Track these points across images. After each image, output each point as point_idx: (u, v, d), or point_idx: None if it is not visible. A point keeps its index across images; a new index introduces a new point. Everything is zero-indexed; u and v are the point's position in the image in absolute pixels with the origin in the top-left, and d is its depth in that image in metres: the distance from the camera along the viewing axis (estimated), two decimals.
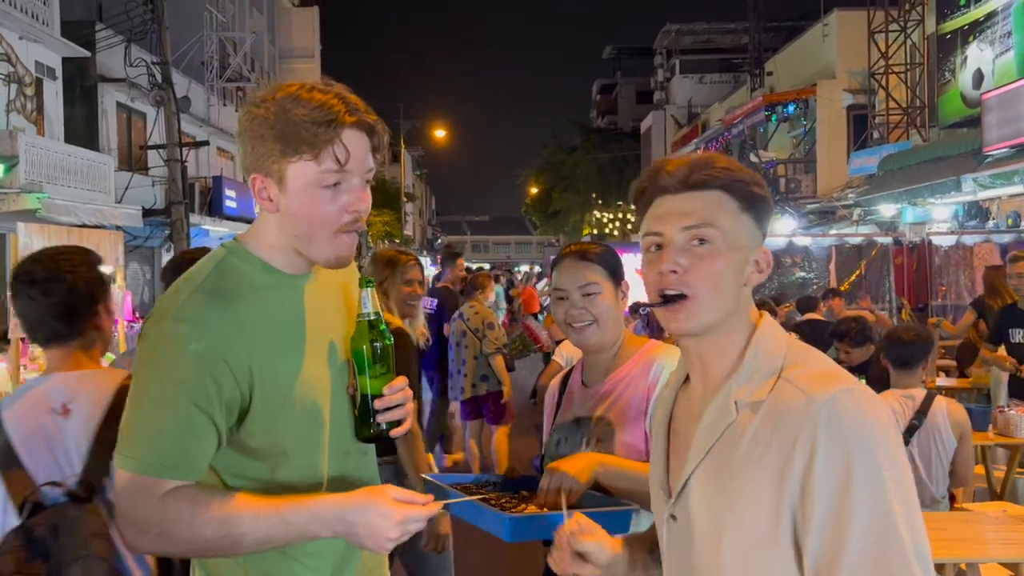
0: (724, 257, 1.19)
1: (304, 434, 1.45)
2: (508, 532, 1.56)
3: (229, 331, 1.36)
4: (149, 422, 1.35)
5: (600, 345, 1.95)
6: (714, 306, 1.19)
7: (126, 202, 14.61)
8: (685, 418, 1.28)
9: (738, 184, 1.21)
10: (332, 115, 1.35)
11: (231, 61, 22.27)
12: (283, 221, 1.42)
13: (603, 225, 37.77)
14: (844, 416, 1.07)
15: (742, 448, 1.15)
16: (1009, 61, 11.90)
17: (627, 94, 44.54)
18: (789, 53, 21.20)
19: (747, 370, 1.19)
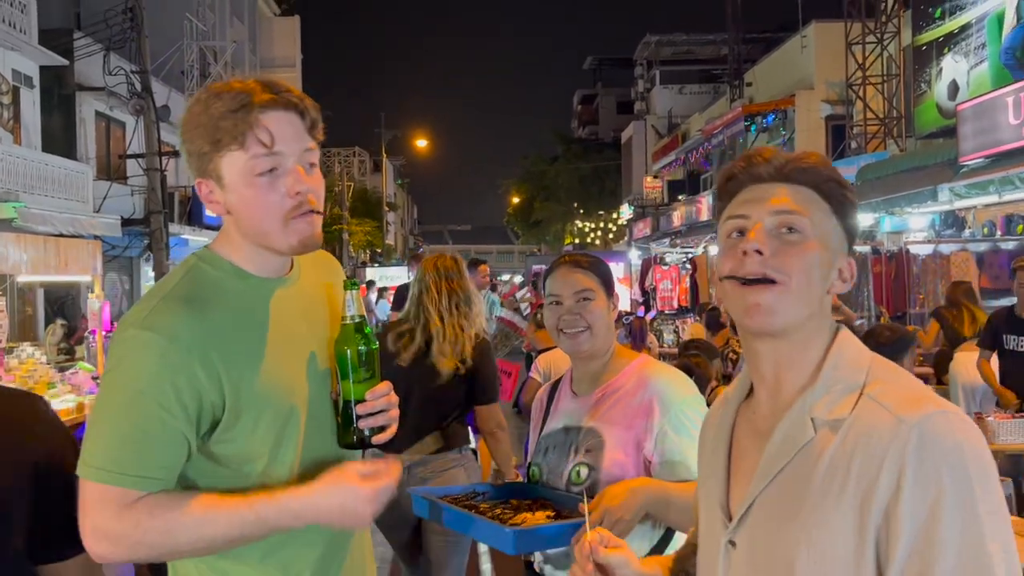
0: (815, 250, 1.09)
1: (275, 439, 1.42)
2: (512, 545, 1.57)
3: (198, 339, 1.33)
4: (111, 431, 1.31)
5: (592, 352, 1.95)
6: (801, 300, 1.08)
7: (104, 211, 14.50)
8: (749, 435, 1.17)
9: (833, 185, 1.13)
10: (247, 99, 1.33)
11: (212, 70, 22.17)
12: (235, 220, 1.40)
13: (585, 234, 37.87)
14: (937, 441, 0.97)
15: (820, 471, 1.04)
16: (983, 72, 12.07)
17: (608, 104, 44.76)
18: (768, 64, 21.41)
19: (825, 383, 1.09)
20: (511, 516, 1.71)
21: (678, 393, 1.89)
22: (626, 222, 33.17)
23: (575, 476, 1.87)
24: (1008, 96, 9.89)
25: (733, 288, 1.10)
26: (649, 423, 1.85)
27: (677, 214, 25.28)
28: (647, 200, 30.64)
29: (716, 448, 1.22)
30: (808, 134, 18.19)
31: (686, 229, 23.61)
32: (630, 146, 35.44)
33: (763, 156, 1.16)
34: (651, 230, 28.01)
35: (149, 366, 1.31)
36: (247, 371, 1.37)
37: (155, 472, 1.32)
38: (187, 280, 1.41)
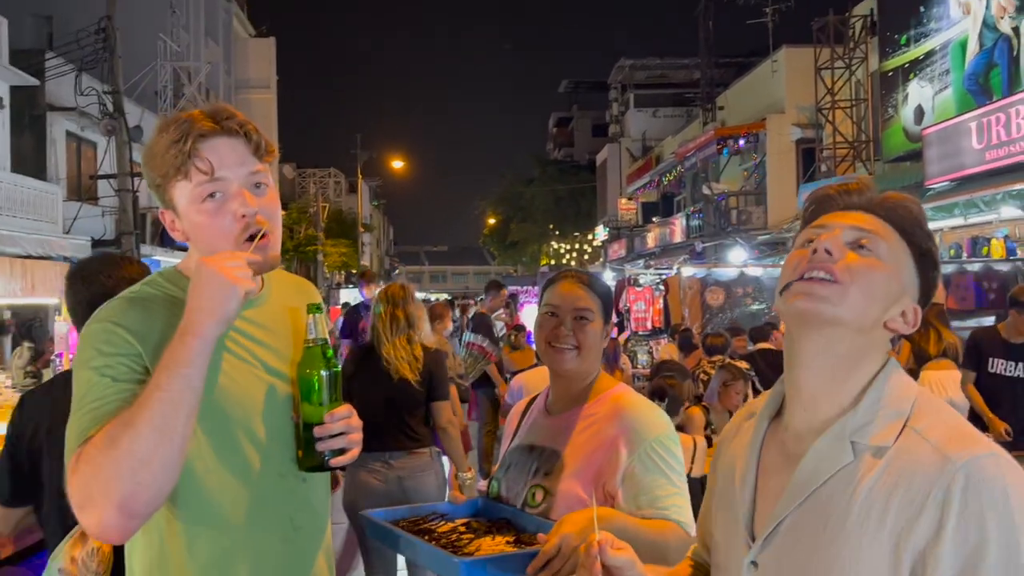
0: (883, 270, 1.08)
1: (219, 452, 1.41)
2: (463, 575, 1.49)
3: (142, 330, 1.38)
4: (79, 416, 1.33)
5: (575, 372, 1.89)
6: (855, 307, 1.06)
7: (75, 233, 14.34)
8: (778, 454, 1.14)
9: (920, 232, 1.13)
10: (187, 130, 1.38)
11: (185, 91, 22.09)
12: (195, 245, 1.46)
13: (560, 255, 38.01)
14: (984, 485, 0.94)
15: (858, 500, 1.01)
16: (948, 98, 12.34)
17: (583, 127, 45.13)
18: (740, 88, 21.72)
19: (868, 408, 1.06)
20: (467, 542, 1.63)
21: (649, 430, 1.80)
22: (601, 243, 33.36)
23: (531, 498, 1.82)
24: (971, 121, 10.13)
25: (790, 288, 1.09)
26: (614, 459, 1.78)
27: (651, 235, 25.48)
28: (622, 222, 30.87)
29: (743, 465, 1.18)
30: (779, 157, 18.46)
31: (660, 250, 23.80)
32: (605, 168, 35.73)
33: (859, 185, 1.16)
34: (626, 251, 28.19)
35: (99, 347, 1.36)
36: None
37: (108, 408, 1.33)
38: (145, 286, 1.48)
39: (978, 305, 10.57)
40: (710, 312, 11.78)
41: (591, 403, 1.89)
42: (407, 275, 64.22)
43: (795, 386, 1.12)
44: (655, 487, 1.73)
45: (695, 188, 23.03)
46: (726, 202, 19.86)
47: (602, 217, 35.05)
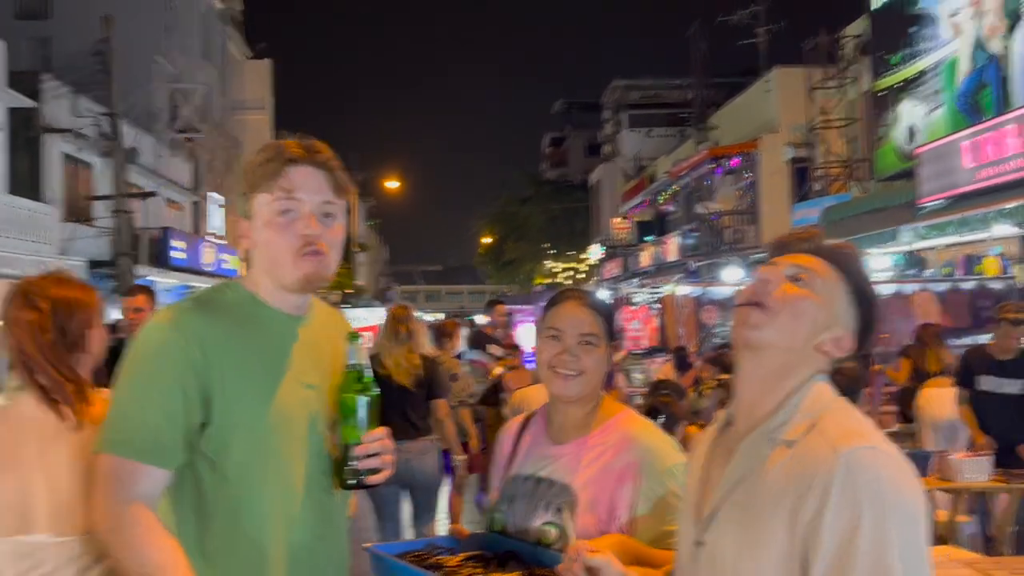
0: (811, 299, 1.27)
1: (257, 458, 1.54)
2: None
3: (199, 332, 1.53)
4: (121, 410, 1.51)
5: (579, 398, 1.80)
6: (783, 331, 1.26)
7: (71, 254, 14.34)
8: (724, 452, 1.33)
9: (857, 275, 1.32)
10: (278, 152, 1.58)
11: (181, 112, 22.17)
12: (258, 254, 1.61)
13: (555, 275, 38.05)
14: (860, 472, 1.12)
15: (767, 483, 1.21)
16: (939, 117, 12.45)
17: (577, 147, 45.34)
18: (733, 108, 21.87)
19: (787, 411, 1.25)
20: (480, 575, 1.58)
21: (663, 460, 1.75)
22: (596, 262, 33.42)
23: (543, 536, 1.75)
24: (963, 140, 10.22)
25: (734, 314, 1.32)
26: (628, 488, 1.72)
27: (645, 254, 25.55)
28: (616, 240, 30.94)
29: (696, 462, 1.40)
30: (772, 177, 18.56)
31: (654, 269, 23.84)
32: (599, 188, 35.87)
33: (810, 234, 1.45)
34: (621, 270, 28.24)
35: (158, 352, 1.52)
36: (238, 379, 1.54)
37: (158, 446, 1.49)
38: (205, 294, 1.66)
39: (973, 323, 10.62)
40: (706, 330, 11.80)
41: (598, 431, 1.81)
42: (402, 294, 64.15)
43: (738, 395, 1.33)
44: (663, 523, 1.67)
45: (689, 207, 23.13)
46: (720, 221, 19.95)
47: (596, 236, 35.14)
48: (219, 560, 1.55)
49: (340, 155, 1.69)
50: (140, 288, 4.39)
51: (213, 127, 26.10)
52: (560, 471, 1.80)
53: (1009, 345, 5.14)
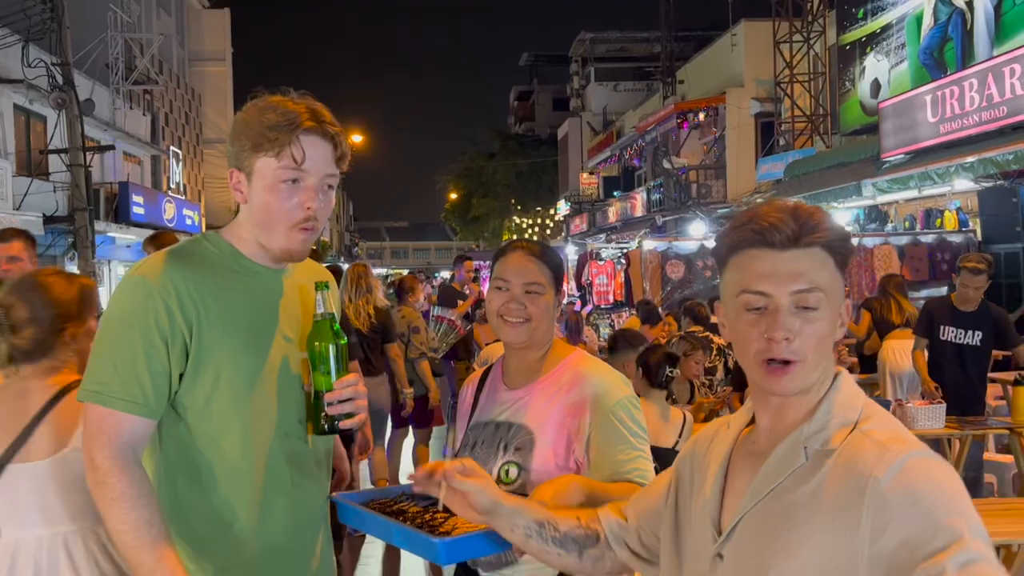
0: (828, 320, 1.18)
1: (235, 403, 1.58)
2: (442, 557, 1.50)
3: (180, 284, 1.55)
4: (105, 359, 1.54)
5: (529, 344, 1.89)
6: (817, 368, 1.19)
7: (25, 209, 13.97)
8: (746, 458, 1.26)
9: (839, 244, 1.20)
10: (294, 120, 1.56)
11: (137, 63, 21.54)
12: (250, 212, 1.63)
13: (522, 231, 37.99)
14: (917, 472, 1.07)
15: (805, 494, 1.14)
16: (903, 71, 12.52)
17: (544, 101, 44.96)
18: (699, 62, 21.79)
19: (821, 418, 1.19)
20: (443, 522, 1.61)
21: (612, 394, 1.83)
22: (563, 218, 33.40)
23: (504, 475, 1.82)
24: (926, 95, 10.29)
25: (758, 367, 1.19)
26: (580, 423, 1.80)
27: (613, 210, 25.57)
28: (583, 196, 30.92)
29: (716, 469, 1.29)
30: (738, 131, 18.60)
31: (621, 225, 23.90)
32: (566, 142, 35.70)
33: (773, 223, 1.19)
34: (587, 226, 28.27)
35: (137, 303, 1.54)
36: (218, 327, 1.57)
37: (140, 397, 1.52)
38: (183, 246, 1.67)
39: (931, 276, 10.82)
40: (671, 285, 11.89)
41: (551, 373, 1.89)
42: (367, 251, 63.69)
43: (763, 406, 1.25)
44: (617, 452, 1.76)
45: (656, 162, 23.13)
46: (686, 176, 19.99)
47: (564, 192, 35.05)
48: (194, 506, 1.60)
49: None
50: (15, 233, 3.84)
51: (171, 79, 25.43)
52: (517, 413, 1.88)
53: (969, 295, 5.25)
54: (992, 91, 8.98)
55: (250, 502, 1.61)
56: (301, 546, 1.70)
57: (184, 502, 1.60)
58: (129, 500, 1.48)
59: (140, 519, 1.48)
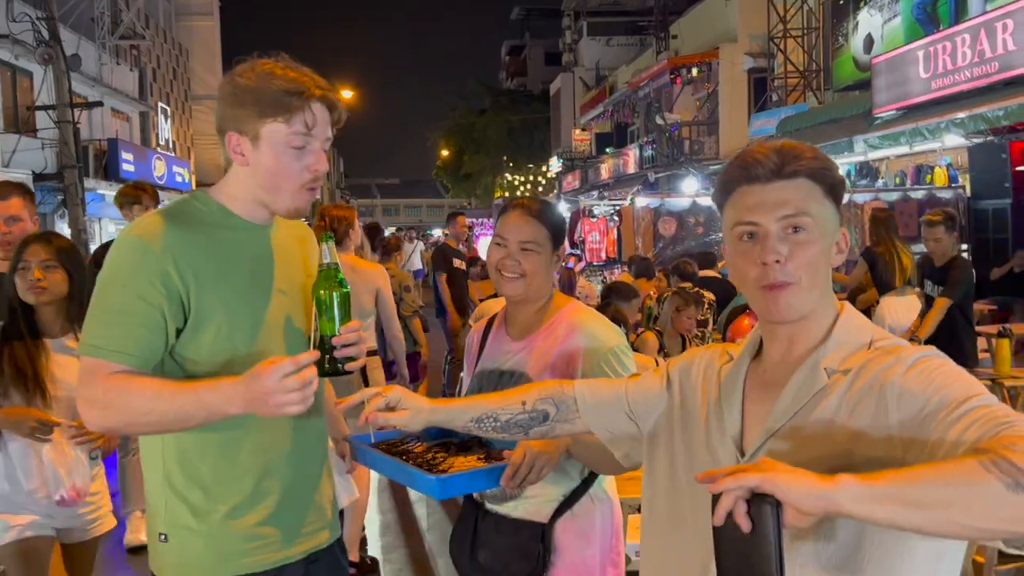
0: (817, 244, 1.24)
1: (234, 351, 1.66)
2: (437, 491, 1.67)
3: (174, 246, 1.61)
4: (100, 316, 1.60)
5: (525, 298, 2.02)
6: (811, 292, 1.25)
7: (13, 166, 13.88)
8: (759, 387, 1.32)
9: (823, 172, 1.26)
10: (305, 88, 1.64)
11: (123, 17, 21.21)
12: (253, 174, 1.68)
13: (514, 188, 37.88)
14: (931, 362, 1.16)
15: (828, 411, 1.20)
16: (896, 27, 12.45)
17: (536, 56, 44.48)
18: (693, 17, 21.58)
19: (836, 341, 1.25)
20: (442, 461, 1.76)
21: (603, 342, 1.95)
22: (555, 175, 33.29)
23: None
24: (919, 50, 10.26)
25: (757, 293, 1.26)
26: (573, 370, 1.92)
27: (605, 166, 25.50)
28: (576, 153, 30.78)
29: (729, 395, 1.34)
30: (731, 87, 18.51)
31: (614, 181, 23.85)
32: (559, 98, 35.43)
33: (757, 159, 1.26)
34: (580, 183, 28.20)
35: (133, 262, 1.61)
36: (215, 284, 1.64)
37: (132, 350, 1.58)
38: (178, 205, 1.73)
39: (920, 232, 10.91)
40: (663, 241, 11.95)
41: (548, 324, 2.03)
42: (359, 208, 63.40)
43: (772, 338, 1.31)
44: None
45: (648, 118, 23.02)
46: (679, 132, 19.93)
47: (556, 148, 34.89)
48: (200, 454, 1.68)
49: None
50: (12, 188, 3.41)
51: (157, 33, 25.06)
52: (519, 363, 2.01)
53: (932, 248, 5.42)
54: (984, 47, 8.97)
55: (255, 447, 1.70)
56: (305, 484, 1.79)
57: (190, 451, 1.68)
58: (135, 390, 1.56)
59: (153, 392, 1.56)
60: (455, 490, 1.79)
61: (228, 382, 1.55)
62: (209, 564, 1.68)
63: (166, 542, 1.70)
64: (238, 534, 1.69)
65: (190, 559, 1.69)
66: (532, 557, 1.93)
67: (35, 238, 2.67)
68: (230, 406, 1.55)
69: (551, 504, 1.96)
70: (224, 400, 1.55)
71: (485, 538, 2.02)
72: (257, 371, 1.52)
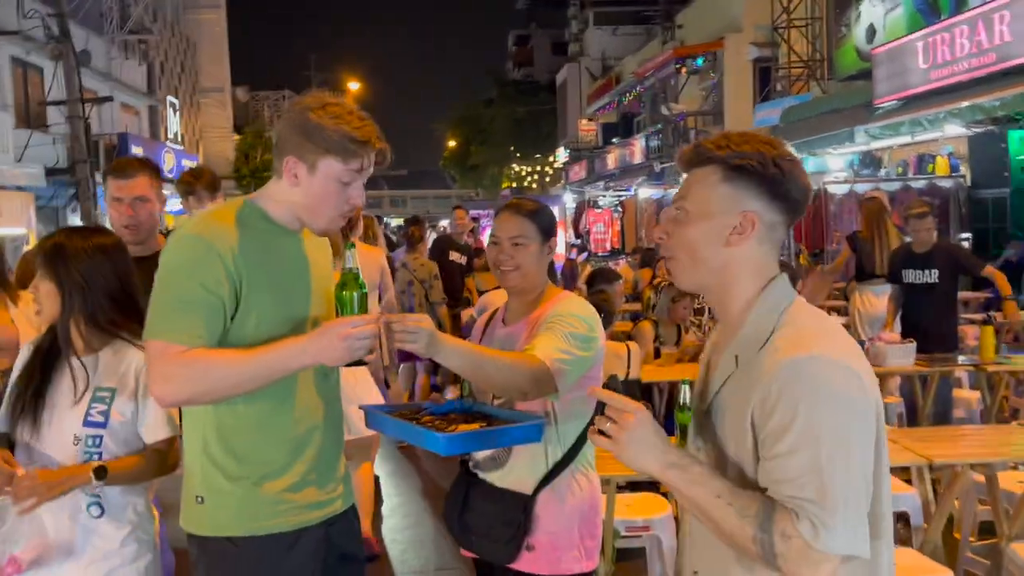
0: (692, 226, 1.40)
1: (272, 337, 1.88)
2: (444, 448, 1.89)
3: (226, 244, 1.85)
4: (165, 303, 1.83)
5: (521, 288, 2.28)
6: (691, 267, 1.42)
7: (26, 161, 14.10)
8: (714, 350, 1.52)
9: (722, 157, 1.40)
10: (368, 140, 1.89)
11: (132, 12, 21.39)
12: (302, 195, 1.92)
13: (522, 178, 37.95)
14: (799, 380, 1.27)
15: (727, 398, 1.40)
16: (898, 17, 12.50)
17: (542, 45, 44.42)
18: (698, 6, 21.59)
19: (748, 330, 1.39)
20: (445, 427, 2.00)
21: (564, 307, 2.21)
22: (562, 165, 33.36)
23: None
24: (917, 41, 10.33)
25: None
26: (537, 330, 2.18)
27: (611, 157, 25.55)
28: (582, 143, 30.82)
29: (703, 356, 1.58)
30: (736, 76, 18.55)
31: (620, 172, 23.91)
32: (565, 89, 35.44)
33: (681, 153, 1.47)
34: (586, 173, 28.25)
35: (193, 256, 1.84)
36: (259, 279, 1.88)
37: (198, 331, 1.81)
38: (225, 209, 1.96)
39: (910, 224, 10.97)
40: None
41: (539, 310, 2.26)
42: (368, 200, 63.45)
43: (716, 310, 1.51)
44: (539, 338, 2.11)
45: (654, 108, 23.07)
46: (685, 122, 19.98)
47: (562, 138, 34.91)
48: (235, 427, 1.91)
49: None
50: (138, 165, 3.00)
51: (165, 27, 25.23)
52: (512, 343, 2.26)
53: (922, 238, 5.58)
54: (982, 37, 9.04)
55: (283, 425, 1.94)
56: (326, 458, 2.03)
57: (227, 426, 1.92)
58: (211, 360, 1.79)
59: (227, 360, 1.80)
60: (458, 448, 2.02)
61: (294, 339, 1.83)
62: (239, 523, 1.92)
63: (202, 503, 1.94)
64: (266, 498, 1.92)
65: (222, 518, 1.93)
66: (513, 524, 2.15)
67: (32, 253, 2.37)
68: (304, 356, 1.81)
69: (535, 477, 2.17)
70: (297, 352, 1.80)
71: (473, 503, 2.26)
72: (325, 326, 1.80)
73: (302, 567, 1.96)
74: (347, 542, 2.09)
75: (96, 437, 2.14)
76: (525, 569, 2.17)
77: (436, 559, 4.50)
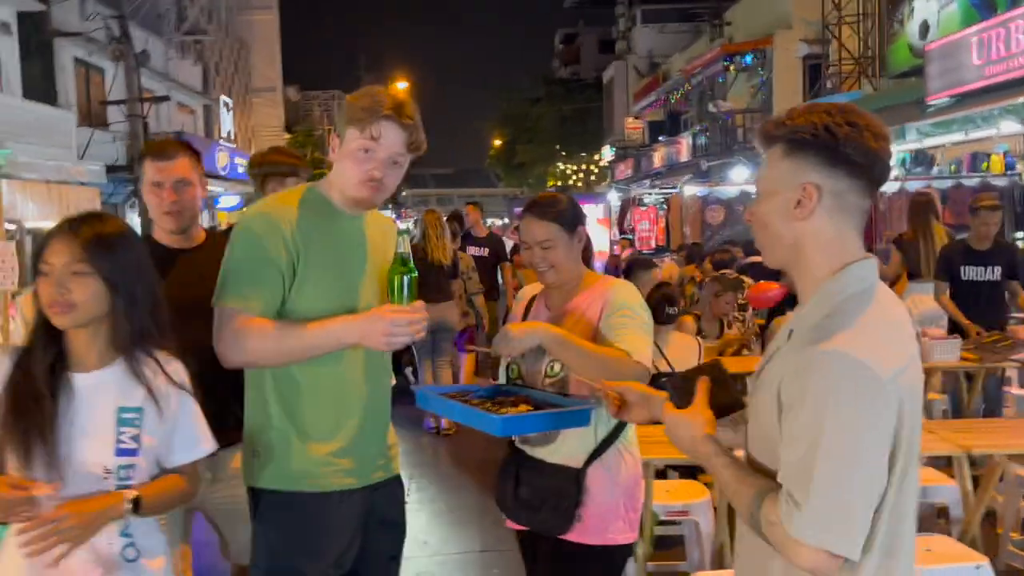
0: (764, 203, 1.45)
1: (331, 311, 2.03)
2: (500, 429, 2.03)
3: (292, 221, 2.04)
4: (237, 274, 2.02)
5: (558, 283, 2.41)
6: (770, 245, 1.47)
7: (88, 159, 14.58)
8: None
9: (781, 135, 1.43)
10: (377, 107, 2.02)
11: (188, 13, 21.94)
12: (336, 166, 2.12)
13: (567, 177, 37.96)
14: (815, 373, 1.29)
15: (774, 364, 1.44)
16: (953, 12, 12.29)
17: (590, 43, 44.37)
18: (747, 3, 21.41)
19: (807, 309, 1.42)
20: (496, 409, 2.14)
21: (622, 297, 2.34)
22: (608, 164, 33.30)
23: (550, 370, 2.34)
24: (972, 37, 10.15)
25: None
26: (597, 320, 2.31)
27: (658, 155, 25.47)
28: (629, 141, 30.74)
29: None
30: (785, 74, 18.37)
31: (666, 170, 23.83)
32: (612, 87, 35.36)
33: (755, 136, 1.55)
34: (633, 171, 28.19)
35: (262, 231, 2.04)
36: (317, 256, 2.04)
37: (261, 300, 2.00)
38: (289, 194, 2.15)
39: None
40: (710, 230, 12.06)
41: (581, 296, 2.39)
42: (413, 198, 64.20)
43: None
44: (615, 328, 2.26)
45: (702, 106, 22.94)
46: (732, 120, 19.85)
47: (608, 136, 34.84)
48: (288, 383, 2.07)
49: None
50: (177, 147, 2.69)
51: (220, 28, 25.81)
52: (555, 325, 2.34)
53: (986, 233, 5.46)
54: None
55: (336, 394, 2.10)
56: (373, 428, 2.18)
57: (286, 392, 2.09)
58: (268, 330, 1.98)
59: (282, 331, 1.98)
60: (516, 429, 2.18)
61: (344, 318, 2.01)
62: (291, 479, 2.08)
63: (257, 458, 2.11)
64: (316, 458, 2.08)
65: (276, 473, 2.10)
66: (567, 496, 2.27)
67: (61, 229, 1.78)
68: (349, 335, 2.00)
69: (584, 451, 2.29)
70: (346, 332, 1.99)
71: (526, 479, 2.37)
72: (374, 311, 1.99)
73: (342, 528, 2.11)
74: (389, 509, 2.23)
75: (129, 467, 1.77)
76: (575, 539, 2.27)
77: (480, 542, 4.62)
